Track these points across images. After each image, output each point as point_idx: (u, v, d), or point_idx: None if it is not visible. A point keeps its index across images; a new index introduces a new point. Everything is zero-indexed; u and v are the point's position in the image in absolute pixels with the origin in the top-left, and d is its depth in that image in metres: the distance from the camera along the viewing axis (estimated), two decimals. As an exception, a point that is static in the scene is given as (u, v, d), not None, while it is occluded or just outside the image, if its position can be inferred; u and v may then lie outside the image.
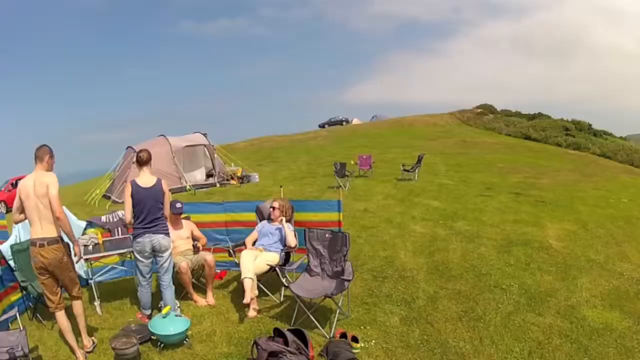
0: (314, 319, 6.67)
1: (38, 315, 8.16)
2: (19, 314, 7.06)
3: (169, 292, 7.54)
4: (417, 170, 20.95)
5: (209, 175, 24.84)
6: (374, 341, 6.34)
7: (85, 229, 9.41)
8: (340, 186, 19.58)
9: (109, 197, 22.51)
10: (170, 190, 7.71)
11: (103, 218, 9.79)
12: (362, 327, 6.70)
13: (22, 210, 6.66)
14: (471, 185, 18.62)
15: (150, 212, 7.34)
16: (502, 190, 16.99)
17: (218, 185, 23.79)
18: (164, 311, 6.84)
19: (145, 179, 7.43)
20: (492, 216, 12.62)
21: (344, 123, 66.63)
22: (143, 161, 7.48)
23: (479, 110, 61.83)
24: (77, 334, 6.83)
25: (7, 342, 6.16)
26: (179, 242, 8.27)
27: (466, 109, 63.58)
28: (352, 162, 22.57)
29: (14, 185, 29.69)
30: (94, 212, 10.94)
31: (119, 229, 9.65)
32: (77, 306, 7.01)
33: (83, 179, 38.08)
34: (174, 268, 7.74)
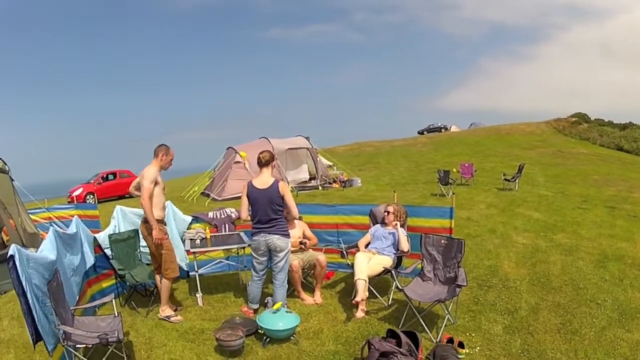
0: (423, 323, 6.61)
1: (132, 302, 8.37)
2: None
3: (281, 290, 7.59)
4: (517, 180, 20.55)
5: (311, 178, 24.76)
6: (478, 348, 6.25)
7: (190, 223, 9.67)
8: (444, 194, 19.42)
9: (208, 195, 22.94)
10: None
11: (210, 214, 10.00)
12: (467, 334, 6.61)
13: (137, 189, 8.02)
14: (569, 197, 18.12)
15: (264, 212, 7.39)
16: (598, 203, 16.48)
17: (320, 188, 23.67)
18: (275, 307, 6.83)
19: (262, 180, 7.48)
20: (589, 230, 12.26)
21: (443, 130, 65.91)
22: (262, 162, 7.52)
23: (573, 119, 60.18)
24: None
25: (97, 327, 6.21)
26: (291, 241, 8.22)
27: (561, 117, 61.97)
28: (454, 170, 22.20)
29: (104, 179, 31.42)
30: (192, 208, 11.18)
31: (226, 225, 9.86)
32: (163, 282, 7.79)
33: (178, 175, 38.55)
34: None
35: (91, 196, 29.47)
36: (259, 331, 6.81)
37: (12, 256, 4.88)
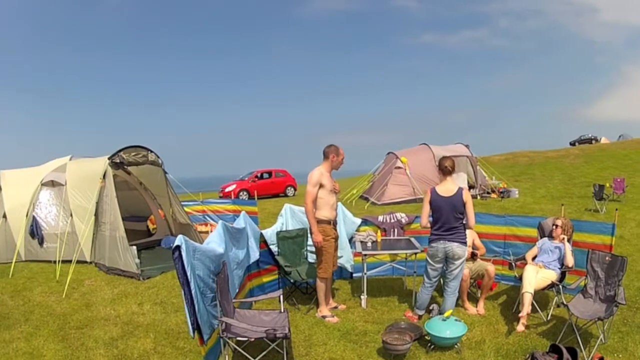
0: (579, 340, 6.46)
1: (293, 299, 8.55)
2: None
3: (452, 298, 7.54)
4: (663, 198, 19.21)
5: (470, 186, 24.18)
6: (623, 369, 6.11)
7: (359, 225, 9.72)
8: (597, 209, 18.75)
9: (367, 199, 22.95)
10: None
11: (380, 218, 9.99)
12: (614, 354, 6.44)
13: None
14: None
15: (447, 219, 7.34)
16: None
17: (479, 197, 23.19)
18: (445, 315, 6.76)
19: (446, 187, 7.45)
20: None
21: (593, 141, 63.75)
22: (446, 170, 7.50)
23: None
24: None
25: (260, 322, 6.28)
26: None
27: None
28: (608, 185, 21.07)
29: (258, 177, 32.09)
30: (350, 211, 11.37)
31: (395, 229, 9.83)
32: (317, 282, 8.01)
33: (337, 177, 38.75)
34: None
35: (244, 193, 30.21)
36: (426, 337, 6.79)
37: (178, 246, 5.04)
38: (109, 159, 12.29)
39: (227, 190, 30.45)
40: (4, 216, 12.82)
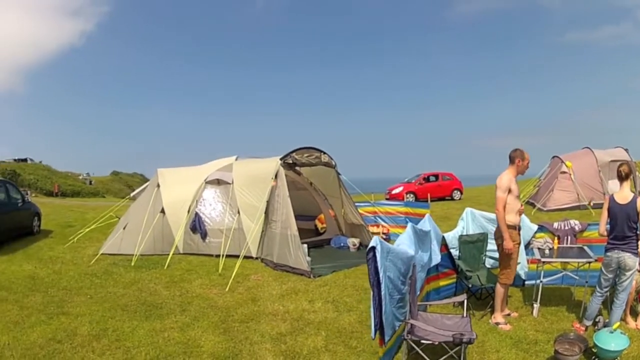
0: None
1: (469, 304, 8.27)
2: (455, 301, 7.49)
3: (619, 311, 7.38)
4: None
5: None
6: None
7: (535, 232, 9.66)
8: None
9: (533, 205, 22.26)
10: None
11: (555, 224, 9.91)
12: None
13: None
14: None
15: (621, 228, 7.25)
16: None
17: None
18: (614, 327, 6.58)
19: (623, 194, 7.40)
20: None
21: None
22: (622, 176, 7.49)
23: None
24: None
25: (443, 325, 6.40)
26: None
27: None
28: None
29: (426, 179, 31.64)
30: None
31: (568, 237, 9.68)
32: (497, 288, 8.08)
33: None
34: None
35: (411, 195, 30.05)
36: (592, 349, 6.66)
37: (373, 247, 5.32)
38: (280, 159, 12.83)
39: (394, 192, 30.78)
40: (162, 211, 13.58)
